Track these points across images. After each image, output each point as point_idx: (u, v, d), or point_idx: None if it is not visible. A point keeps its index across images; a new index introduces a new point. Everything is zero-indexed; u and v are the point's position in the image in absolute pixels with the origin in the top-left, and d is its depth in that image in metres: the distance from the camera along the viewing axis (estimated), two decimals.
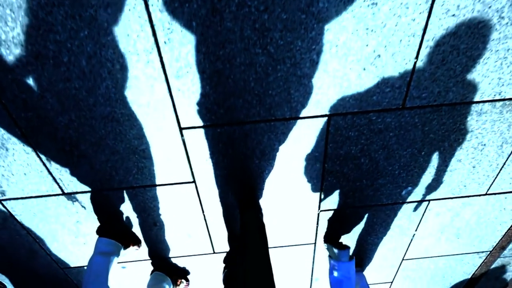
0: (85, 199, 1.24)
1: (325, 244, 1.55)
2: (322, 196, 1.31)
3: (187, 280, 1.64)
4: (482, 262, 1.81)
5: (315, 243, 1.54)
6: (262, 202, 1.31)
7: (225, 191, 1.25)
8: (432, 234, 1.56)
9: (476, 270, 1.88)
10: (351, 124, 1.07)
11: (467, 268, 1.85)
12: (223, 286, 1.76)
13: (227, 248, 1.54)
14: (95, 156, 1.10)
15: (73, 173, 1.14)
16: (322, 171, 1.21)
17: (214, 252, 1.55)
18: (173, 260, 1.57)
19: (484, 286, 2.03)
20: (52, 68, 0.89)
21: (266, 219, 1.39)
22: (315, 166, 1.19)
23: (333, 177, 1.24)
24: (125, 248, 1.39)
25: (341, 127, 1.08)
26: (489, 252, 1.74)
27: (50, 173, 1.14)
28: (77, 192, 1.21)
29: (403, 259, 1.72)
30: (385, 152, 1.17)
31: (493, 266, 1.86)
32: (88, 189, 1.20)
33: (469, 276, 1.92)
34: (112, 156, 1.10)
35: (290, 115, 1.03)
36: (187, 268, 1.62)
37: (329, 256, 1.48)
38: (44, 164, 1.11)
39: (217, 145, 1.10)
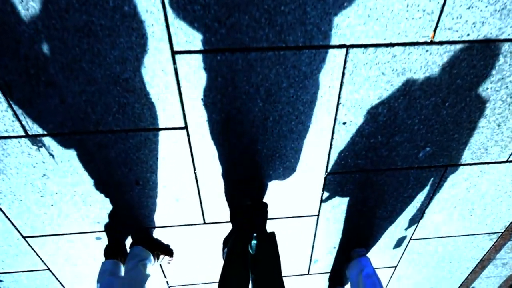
0: (54, 145, 1.04)
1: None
2: (331, 155, 1.16)
3: (171, 254, 1.44)
4: (492, 246, 1.70)
5: (318, 215, 1.39)
6: (263, 159, 1.15)
7: (222, 142, 1.08)
8: (444, 209, 1.44)
9: (484, 255, 1.76)
10: (372, 60, 0.93)
11: (476, 253, 1.73)
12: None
13: (221, 219, 1.36)
14: (67, 85, 0.91)
15: (39, 108, 0.95)
16: (333, 121, 1.06)
17: (204, 223, 1.37)
18: (157, 231, 1.37)
19: (490, 273, 1.93)
20: None
21: (266, 182, 1.22)
22: (325, 115, 1.05)
23: (344, 130, 1.09)
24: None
25: (360, 64, 0.94)
26: (500, 234, 1.63)
27: (11, 106, 0.94)
28: (43, 135, 1.01)
29: (410, 239, 1.58)
30: (405, 101, 1.03)
31: (501, 251, 1.76)
32: (57, 131, 1.01)
33: (477, 262, 1.80)
34: (88, 86, 0.92)
35: (304, 43, 0.88)
36: (171, 241, 1.43)
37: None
38: (3, 93, 0.91)
39: (216, 79, 0.93)
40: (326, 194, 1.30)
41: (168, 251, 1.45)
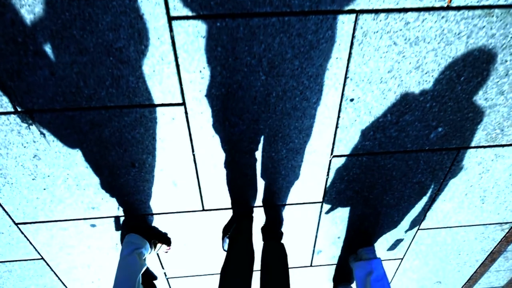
0: (45, 122, 0.98)
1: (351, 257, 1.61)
2: (337, 135, 1.10)
3: (168, 243, 1.39)
4: (503, 237, 1.63)
5: (322, 202, 1.32)
6: (265, 140, 1.09)
7: (221, 121, 1.02)
8: (455, 196, 1.37)
9: (495, 247, 1.70)
10: (383, 28, 0.87)
11: (486, 244, 1.67)
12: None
13: (221, 205, 1.30)
14: (57, 55, 0.85)
15: (28, 81, 0.89)
16: (340, 97, 1.00)
17: (203, 209, 1.31)
18: (154, 218, 1.32)
19: (500, 267, 1.86)
20: None
21: (268, 164, 1.16)
22: (332, 91, 0.98)
23: (352, 107, 1.03)
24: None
25: (370, 32, 0.87)
26: None
27: None
28: (33, 110, 0.95)
29: (418, 229, 1.51)
30: (418, 75, 0.97)
31: None
32: (48, 106, 0.95)
33: (487, 254, 1.73)
34: (80, 56, 0.86)
35: (310, 7, 0.82)
36: (169, 229, 1.37)
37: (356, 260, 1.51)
38: None
39: (215, 48, 0.87)
40: (331, 179, 1.24)
41: (165, 239, 1.39)
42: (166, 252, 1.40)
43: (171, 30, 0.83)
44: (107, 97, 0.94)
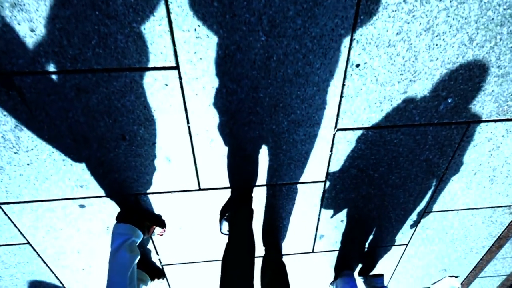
0: (26, 87, 0.91)
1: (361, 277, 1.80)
2: (341, 106, 1.04)
3: (163, 226, 1.31)
4: (511, 221, 1.58)
5: (325, 181, 1.26)
6: (265, 110, 1.02)
7: (218, 87, 0.95)
8: (463, 176, 1.31)
9: (502, 233, 1.64)
10: None
11: (494, 229, 1.61)
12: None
13: (218, 184, 1.23)
14: (37, 8, 0.77)
15: (5, 38, 0.82)
16: (345, 62, 0.94)
17: (199, 189, 1.24)
18: (146, 198, 1.24)
19: (507, 253, 1.80)
20: None
21: (269, 138, 1.09)
22: (337, 54, 0.92)
23: (358, 74, 0.96)
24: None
25: None
26: None
27: None
28: (13, 73, 0.88)
29: (425, 211, 1.45)
30: (428, 37, 0.91)
31: None
32: (29, 68, 0.87)
33: (494, 240, 1.68)
34: (62, 10, 0.78)
35: None
36: (163, 210, 1.30)
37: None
38: None
39: (211, 3, 0.80)
40: (334, 156, 1.17)
41: (159, 222, 1.32)
42: (161, 235, 1.33)
43: None
44: (93, 58, 0.87)
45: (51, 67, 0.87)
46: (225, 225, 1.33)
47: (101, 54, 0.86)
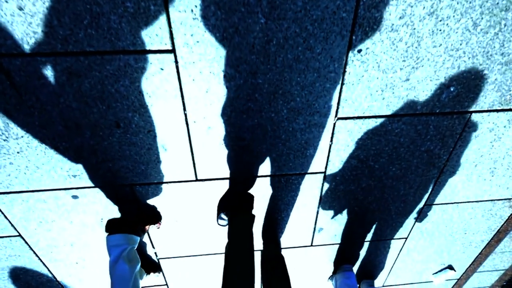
0: (15, 70, 0.87)
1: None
2: (342, 93, 1.01)
3: (159, 219, 1.28)
4: (511, 215, 1.57)
5: (325, 172, 1.23)
6: (264, 98, 0.99)
7: (216, 72, 0.92)
8: (464, 168, 1.30)
9: (501, 226, 1.63)
10: None
11: (493, 222, 1.60)
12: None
13: (216, 175, 1.20)
14: None
15: None
16: (347, 47, 0.91)
17: (196, 179, 1.21)
18: (141, 189, 1.21)
19: (505, 247, 1.80)
20: None
21: (268, 127, 1.07)
22: (339, 39, 0.89)
23: (359, 60, 0.94)
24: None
25: None
26: None
27: None
28: (1, 54, 0.84)
29: (425, 204, 1.44)
30: (432, 22, 0.88)
31: None
32: (17, 50, 0.84)
33: (493, 234, 1.67)
34: None
35: None
36: (158, 202, 1.26)
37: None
38: None
39: None
40: (334, 146, 1.15)
41: (153, 218, 1.28)
42: (158, 227, 1.30)
43: None
44: (85, 39, 0.83)
45: (41, 49, 0.83)
46: (223, 219, 1.31)
47: (94, 36, 0.82)
